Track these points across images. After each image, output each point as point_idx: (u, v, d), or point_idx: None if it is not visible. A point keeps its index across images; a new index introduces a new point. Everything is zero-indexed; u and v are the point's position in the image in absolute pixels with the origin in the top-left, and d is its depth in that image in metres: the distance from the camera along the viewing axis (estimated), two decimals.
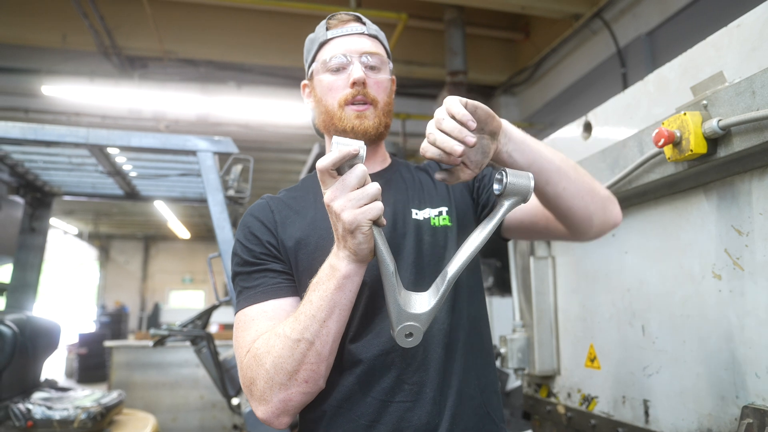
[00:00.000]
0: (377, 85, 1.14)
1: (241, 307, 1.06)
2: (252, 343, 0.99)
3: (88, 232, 15.18)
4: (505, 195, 0.91)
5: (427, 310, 0.89)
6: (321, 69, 1.15)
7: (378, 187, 0.86)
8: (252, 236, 1.10)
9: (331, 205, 0.86)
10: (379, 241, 0.88)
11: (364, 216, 0.84)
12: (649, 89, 1.48)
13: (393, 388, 1.01)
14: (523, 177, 0.92)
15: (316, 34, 1.19)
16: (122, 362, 5.42)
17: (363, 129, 1.11)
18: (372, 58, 1.13)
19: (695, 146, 1.15)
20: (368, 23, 1.18)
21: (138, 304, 16.54)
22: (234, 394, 3.27)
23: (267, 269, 1.07)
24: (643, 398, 1.50)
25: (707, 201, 1.31)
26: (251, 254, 1.08)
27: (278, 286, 1.06)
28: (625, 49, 5.24)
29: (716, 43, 1.26)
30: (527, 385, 2.11)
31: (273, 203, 1.17)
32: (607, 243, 1.69)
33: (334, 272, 0.91)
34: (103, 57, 6.07)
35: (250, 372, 0.97)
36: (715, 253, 1.28)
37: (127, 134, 2.66)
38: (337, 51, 1.13)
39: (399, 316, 0.88)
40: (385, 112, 1.15)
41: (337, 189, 0.85)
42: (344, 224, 0.85)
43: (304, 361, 0.93)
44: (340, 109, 1.12)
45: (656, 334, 1.47)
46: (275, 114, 6.54)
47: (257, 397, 0.97)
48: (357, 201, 0.85)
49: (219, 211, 2.63)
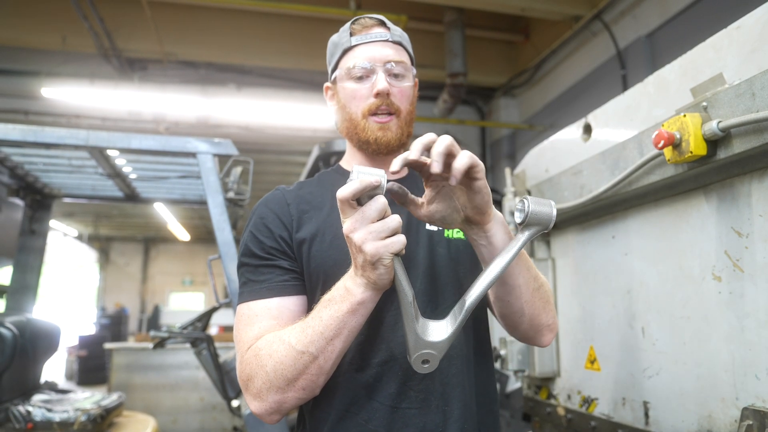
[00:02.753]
0: (401, 93, 1.13)
1: (244, 300, 1.06)
2: (254, 341, 1.00)
3: (88, 234, 15.17)
4: (526, 224, 0.90)
5: (444, 339, 0.89)
6: (345, 76, 1.14)
7: (399, 220, 0.85)
8: (265, 228, 1.09)
9: (351, 237, 0.85)
10: (399, 271, 0.87)
11: (387, 249, 0.83)
12: (648, 91, 1.48)
13: (399, 394, 1.02)
14: (545, 205, 0.90)
15: (340, 39, 1.17)
16: (122, 364, 5.42)
17: (386, 141, 1.12)
18: (396, 66, 1.12)
19: (695, 148, 1.15)
20: (392, 28, 1.16)
21: (138, 306, 16.52)
22: (234, 396, 3.26)
23: (275, 265, 1.06)
24: (643, 400, 1.50)
25: (707, 203, 1.31)
26: (261, 247, 1.08)
27: (285, 284, 1.05)
28: (624, 51, 5.25)
29: (716, 45, 1.26)
30: (527, 387, 2.10)
31: (289, 196, 1.15)
32: (608, 245, 1.69)
33: (348, 295, 0.90)
34: (103, 59, 6.07)
35: (249, 369, 0.98)
36: (715, 255, 1.28)
37: (127, 136, 2.66)
38: (361, 59, 1.11)
39: (416, 344, 0.88)
40: (407, 121, 1.15)
41: (357, 220, 0.84)
42: (366, 257, 0.84)
43: (305, 372, 0.93)
44: (363, 119, 1.12)
45: (656, 336, 1.47)
46: (275, 116, 6.54)
47: (253, 393, 0.97)
48: (378, 233, 0.83)
49: (219, 213, 2.63)
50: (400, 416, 1.01)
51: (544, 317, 1.10)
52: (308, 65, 6.51)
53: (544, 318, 1.10)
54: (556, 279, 1.98)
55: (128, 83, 6.35)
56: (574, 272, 1.86)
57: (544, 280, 1.11)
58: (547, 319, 1.11)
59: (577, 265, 1.85)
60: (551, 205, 0.90)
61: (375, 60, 1.11)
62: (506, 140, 7.42)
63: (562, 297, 1.94)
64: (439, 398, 1.02)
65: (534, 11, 5.59)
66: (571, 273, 1.89)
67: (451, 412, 1.03)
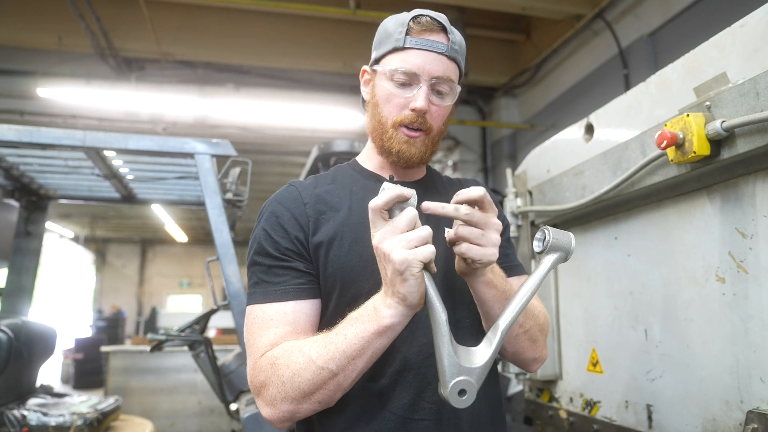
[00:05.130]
0: (437, 112, 1.10)
1: (257, 301, 1.04)
2: (269, 347, 0.99)
3: (84, 235, 15.17)
4: (547, 252, 0.93)
5: (482, 364, 0.86)
6: (387, 75, 1.09)
7: (430, 231, 0.84)
8: (280, 228, 1.06)
9: (380, 247, 0.84)
10: (430, 288, 0.86)
11: (415, 257, 0.82)
12: (651, 90, 1.48)
13: (412, 405, 1.01)
14: (564, 235, 0.93)
15: (394, 30, 1.09)
16: (119, 367, 5.42)
17: (408, 155, 1.09)
18: (442, 84, 1.08)
19: (698, 148, 1.15)
20: (452, 37, 1.09)
21: (135, 308, 16.51)
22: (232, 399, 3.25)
23: (290, 267, 1.04)
24: (646, 403, 1.50)
25: (710, 203, 1.31)
26: (276, 247, 1.05)
27: (300, 287, 1.04)
28: (627, 50, 5.25)
29: (719, 44, 1.26)
30: (529, 390, 2.10)
31: (306, 194, 1.12)
32: (610, 246, 1.69)
33: (377, 317, 0.88)
34: (100, 59, 6.07)
35: (264, 376, 0.97)
36: (719, 256, 1.28)
37: (125, 137, 2.66)
38: (409, 65, 1.06)
39: (452, 370, 0.83)
40: (435, 141, 1.13)
41: (387, 231, 0.84)
42: (394, 265, 0.83)
43: (323, 387, 0.92)
44: (392, 128, 1.09)
45: (659, 338, 1.46)
46: (274, 116, 6.54)
47: (266, 400, 0.97)
48: (408, 242, 0.83)
49: (217, 215, 2.63)
50: (412, 427, 1.00)
51: (530, 353, 1.12)
52: (307, 65, 6.51)
53: (530, 353, 1.12)
54: (557, 280, 1.98)
55: (125, 83, 6.35)
56: (576, 274, 1.86)
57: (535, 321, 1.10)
58: (534, 354, 1.12)
59: (579, 267, 1.84)
60: (570, 237, 0.94)
61: (423, 72, 1.06)
62: (507, 140, 7.42)
63: (564, 299, 1.94)
64: (451, 412, 1.02)
65: (535, 10, 5.59)
66: (573, 274, 1.88)
67: (461, 426, 1.03)
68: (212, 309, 3.32)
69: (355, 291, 1.03)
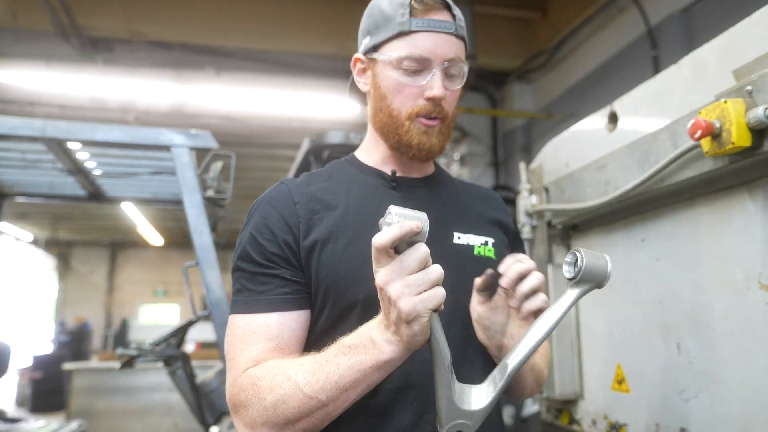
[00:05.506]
0: (451, 97, 1.13)
1: (239, 311, 1.05)
2: (252, 364, 1.00)
3: (45, 238, 15.15)
4: (579, 281, 0.91)
5: (482, 408, 0.89)
6: (393, 63, 1.09)
7: (441, 271, 0.85)
8: (267, 230, 1.07)
9: (386, 289, 0.84)
10: (437, 329, 0.87)
11: (425, 306, 0.83)
12: (683, 74, 1.49)
13: (413, 426, 1.02)
14: (600, 259, 0.91)
15: (394, 13, 1.09)
16: (84, 387, 5.42)
17: (429, 146, 1.12)
18: (454, 67, 1.11)
19: (737, 138, 1.15)
20: (457, 14, 1.12)
21: (103, 320, 16.51)
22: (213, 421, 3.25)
23: (276, 275, 1.05)
24: (679, 426, 1.50)
25: (752, 200, 1.31)
26: (261, 253, 1.06)
27: (286, 297, 1.05)
28: (656, 29, 5.25)
29: (762, 21, 1.26)
30: (546, 411, 2.10)
31: (297, 193, 1.12)
32: (636, 249, 1.69)
33: (375, 350, 0.89)
34: (61, 38, 6.04)
35: (244, 397, 0.97)
36: (762, 260, 1.28)
37: (91, 127, 2.66)
38: (420, 51, 1.07)
39: (449, 413, 0.87)
40: (450, 128, 1.17)
41: (393, 271, 0.83)
42: (401, 313, 0.83)
43: (309, 415, 0.93)
44: (408, 120, 1.11)
45: (694, 353, 1.46)
46: (260, 104, 6.54)
47: (245, 421, 0.98)
48: (417, 287, 0.83)
49: (196, 214, 2.63)
50: None
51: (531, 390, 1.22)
52: (297, 47, 6.50)
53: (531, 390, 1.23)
54: None
55: (91, 66, 6.33)
56: None
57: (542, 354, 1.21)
58: (534, 390, 1.24)
59: None
60: (607, 260, 0.92)
61: (435, 56, 1.07)
62: (521, 131, 7.42)
63: (584, 309, 1.94)
64: None
65: None
66: None
67: None
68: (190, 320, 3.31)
69: (350, 298, 1.04)
